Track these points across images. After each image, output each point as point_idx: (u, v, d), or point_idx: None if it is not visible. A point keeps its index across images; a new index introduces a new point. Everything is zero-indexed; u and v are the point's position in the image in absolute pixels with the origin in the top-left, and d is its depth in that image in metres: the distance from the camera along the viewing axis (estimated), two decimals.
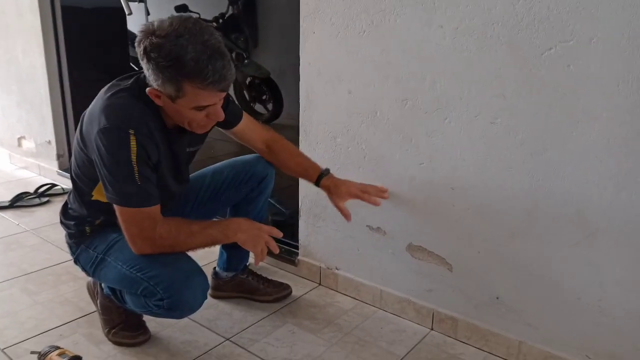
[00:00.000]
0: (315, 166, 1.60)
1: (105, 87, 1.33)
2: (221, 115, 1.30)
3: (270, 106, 4.57)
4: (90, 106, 1.33)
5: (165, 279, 1.29)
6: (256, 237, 1.33)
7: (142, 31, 1.18)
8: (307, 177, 1.60)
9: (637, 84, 1.17)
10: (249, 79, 4.55)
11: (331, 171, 1.61)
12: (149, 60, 1.17)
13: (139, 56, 1.20)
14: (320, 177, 1.56)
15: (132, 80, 1.32)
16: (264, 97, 4.61)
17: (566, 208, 1.33)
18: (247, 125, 1.60)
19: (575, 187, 1.31)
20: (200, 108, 1.24)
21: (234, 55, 4.51)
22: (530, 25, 1.29)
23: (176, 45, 1.14)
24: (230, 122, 1.55)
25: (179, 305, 1.31)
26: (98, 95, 1.33)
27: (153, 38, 1.15)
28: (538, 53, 1.29)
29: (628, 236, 1.26)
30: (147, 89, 1.24)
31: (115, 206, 1.27)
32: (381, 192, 1.58)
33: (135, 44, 1.19)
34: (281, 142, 1.64)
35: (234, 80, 4.14)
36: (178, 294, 1.29)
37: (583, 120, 1.26)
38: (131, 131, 1.22)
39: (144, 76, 1.27)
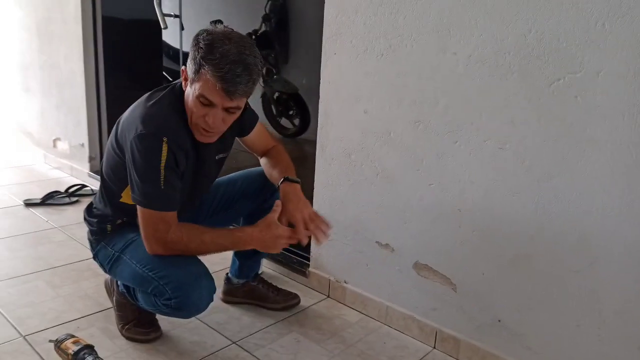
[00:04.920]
0: (282, 174, 1.55)
1: (144, 97, 1.44)
2: (217, 126, 1.35)
3: (296, 121, 4.68)
4: (128, 112, 1.44)
5: (174, 279, 1.37)
6: (268, 246, 1.41)
7: (201, 30, 1.32)
8: (273, 181, 1.60)
9: None
10: (276, 94, 4.68)
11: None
12: (196, 42, 1.29)
13: (191, 43, 1.32)
14: (283, 181, 1.53)
15: (167, 90, 1.44)
16: (290, 112, 4.73)
17: (569, 235, 1.36)
18: (258, 136, 1.66)
19: (579, 215, 1.33)
20: (203, 100, 1.30)
21: (264, 70, 4.65)
22: (541, 56, 1.33)
23: (220, 41, 1.27)
24: (244, 130, 1.62)
25: (186, 305, 1.38)
26: (136, 103, 1.44)
27: (210, 33, 1.29)
28: (547, 83, 1.33)
29: (629, 266, 1.27)
30: (182, 68, 1.36)
31: (137, 206, 1.36)
32: (323, 230, 1.46)
33: (194, 37, 1.32)
34: (271, 153, 1.67)
35: (263, 95, 4.21)
36: (185, 294, 1.36)
37: (588, 150, 1.29)
38: (165, 139, 1.32)
39: (179, 86, 1.42)
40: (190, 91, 1.33)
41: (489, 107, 1.44)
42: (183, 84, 1.38)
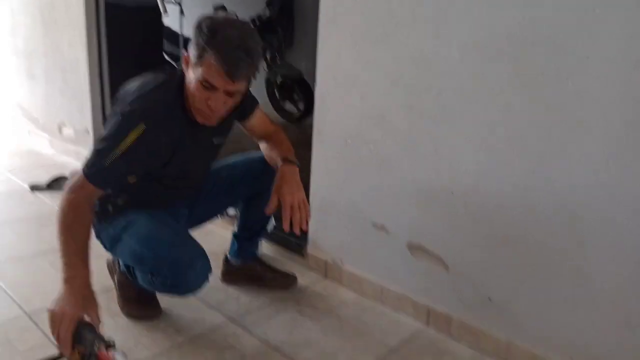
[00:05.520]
0: (282, 156, 1.59)
1: (143, 77, 1.46)
2: (218, 109, 1.37)
3: (301, 106, 4.70)
4: (127, 88, 1.46)
5: (171, 260, 1.41)
6: (52, 321, 1.18)
7: (202, 16, 1.34)
8: (272, 163, 1.63)
9: (631, 100, 1.23)
10: (280, 79, 4.69)
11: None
12: (198, 28, 1.32)
13: (193, 30, 1.34)
14: (282, 162, 1.57)
15: (167, 74, 1.47)
16: (295, 96, 4.74)
17: (560, 216, 1.39)
18: (258, 120, 1.70)
19: (569, 197, 1.36)
20: (206, 84, 1.32)
21: (268, 56, 4.66)
22: (534, 42, 1.35)
23: (223, 27, 1.31)
24: (243, 114, 1.65)
25: (182, 284, 1.44)
26: (137, 81, 1.46)
27: (212, 19, 1.32)
28: (539, 68, 1.35)
29: (617, 245, 1.30)
30: (184, 53, 1.38)
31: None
32: (303, 222, 1.49)
33: (196, 23, 1.34)
34: (271, 136, 1.71)
35: (267, 80, 4.26)
36: (182, 274, 1.41)
37: (579, 133, 1.32)
38: (143, 126, 1.33)
39: (180, 70, 1.44)
40: (193, 76, 1.35)
41: (481, 92, 1.47)
42: (184, 68, 1.40)
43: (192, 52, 1.34)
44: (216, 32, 1.29)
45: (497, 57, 1.42)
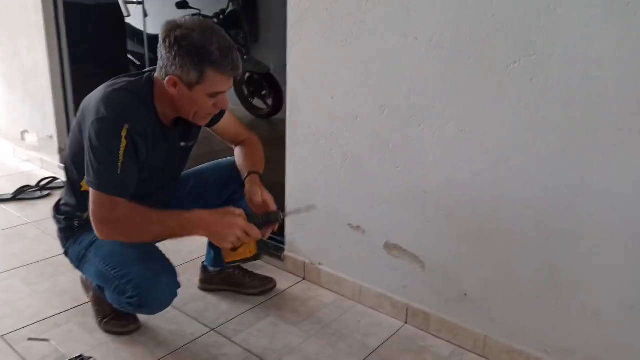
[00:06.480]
0: (250, 169, 1.60)
1: (109, 82, 1.42)
2: (226, 104, 1.42)
3: (270, 101, 4.66)
4: (90, 96, 1.42)
5: (134, 278, 1.39)
6: (219, 233, 1.31)
7: (167, 25, 1.31)
8: (242, 172, 1.63)
9: (590, 97, 1.26)
10: (247, 75, 4.63)
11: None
12: (179, 48, 1.29)
13: (164, 46, 1.31)
14: (247, 175, 1.58)
15: (135, 78, 1.44)
16: (263, 92, 4.69)
17: (527, 212, 1.42)
18: (227, 123, 1.67)
19: (535, 193, 1.39)
20: (214, 94, 1.35)
21: None
22: (497, 40, 1.37)
23: (203, 37, 1.29)
24: (212, 119, 1.63)
25: (147, 302, 1.41)
26: (101, 87, 1.42)
27: (183, 29, 1.29)
28: (504, 66, 1.37)
29: (583, 240, 1.34)
30: (167, 78, 1.34)
31: (90, 190, 1.33)
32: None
33: (162, 36, 1.31)
34: (245, 143, 1.70)
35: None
36: (146, 292, 1.38)
37: (542, 130, 1.35)
38: (126, 125, 1.32)
39: (147, 75, 1.42)
40: (191, 93, 1.34)
41: (449, 90, 1.48)
42: (171, 89, 1.35)
43: (185, 73, 1.31)
44: (204, 45, 1.28)
45: (461, 54, 1.43)
